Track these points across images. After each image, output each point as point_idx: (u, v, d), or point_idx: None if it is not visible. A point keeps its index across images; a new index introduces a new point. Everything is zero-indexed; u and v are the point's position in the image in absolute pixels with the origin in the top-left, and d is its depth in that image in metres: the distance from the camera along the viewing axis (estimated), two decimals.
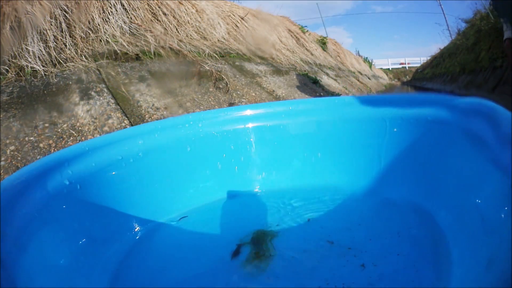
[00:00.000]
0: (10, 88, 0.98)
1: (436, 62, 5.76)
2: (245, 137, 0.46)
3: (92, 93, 1.07)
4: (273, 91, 1.69)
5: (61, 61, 1.13)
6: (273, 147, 0.48)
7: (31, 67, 1.04)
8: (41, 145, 0.84)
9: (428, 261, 0.25)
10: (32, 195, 0.26)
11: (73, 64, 1.15)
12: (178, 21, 1.72)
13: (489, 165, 0.25)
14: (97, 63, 1.22)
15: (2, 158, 0.78)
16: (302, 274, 0.26)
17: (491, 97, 0.28)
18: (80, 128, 0.93)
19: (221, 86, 1.45)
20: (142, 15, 1.54)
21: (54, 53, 1.12)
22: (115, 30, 1.39)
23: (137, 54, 1.36)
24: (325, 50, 3.62)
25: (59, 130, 0.90)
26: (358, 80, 4.77)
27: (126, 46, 1.36)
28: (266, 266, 0.27)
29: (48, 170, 0.29)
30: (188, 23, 1.78)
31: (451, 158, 0.31)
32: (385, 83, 8.58)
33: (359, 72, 6.09)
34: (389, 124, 0.42)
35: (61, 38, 1.17)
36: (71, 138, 0.89)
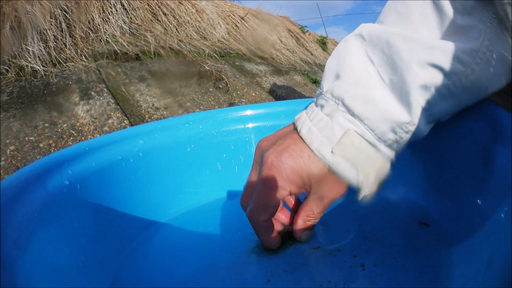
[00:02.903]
0: (10, 88, 0.99)
1: None
2: (245, 137, 0.46)
3: (92, 93, 1.07)
4: (273, 91, 1.69)
5: (61, 61, 1.13)
6: None
7: (31, 67, 1.05)
8: (41, 145, 0.84)
9: (428, 261, 0.25)
10: (32, 195, 0.26)
11: (73, 64, 1.15)
12: (178, 21, 1.72)
13: (489, 164, 0.25)
14: (97, 63, 1.22)
15: (2, 158, 0.78)
16: (303, 272, 0.26)
17: (491, 97, 0.28)
18: (80, 128, 0.93)
19: (221, 86, 1.45)
20: (142, 15, 1.54)
21: (54, 53, 1.12)
22: (115, 30, 1.39)
23: (137, 54, 1.36)
24: (325, 50, 3.61)
25: (59, 130, 0.90)
26: None
27: (126, 46, 1.36)
28: (267, 264, 0.27)
29: (48, 170, 0.29)
30: (188, 23, 1.78)
31: (450, 157, 0.31)
32: None
33: None
34: None
35: (61, 38, 1.17)
36: (71, 138, 0.89)
